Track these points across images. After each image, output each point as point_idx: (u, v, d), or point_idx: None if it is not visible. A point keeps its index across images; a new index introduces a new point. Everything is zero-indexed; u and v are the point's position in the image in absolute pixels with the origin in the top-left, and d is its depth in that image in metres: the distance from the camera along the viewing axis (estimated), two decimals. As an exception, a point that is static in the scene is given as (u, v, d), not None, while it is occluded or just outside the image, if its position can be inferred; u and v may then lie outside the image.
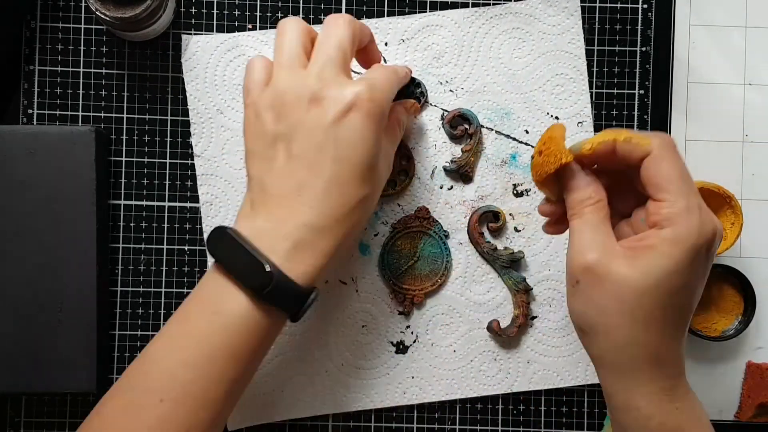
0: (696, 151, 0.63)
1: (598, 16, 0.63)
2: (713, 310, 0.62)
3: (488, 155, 0.62)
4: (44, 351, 0.58)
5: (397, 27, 0.62)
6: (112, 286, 0.62)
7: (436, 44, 0.62)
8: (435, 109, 0.62)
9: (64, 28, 0.62)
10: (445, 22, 0.62)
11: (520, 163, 0.62)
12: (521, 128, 0.62)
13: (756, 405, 0.61)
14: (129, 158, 0.62)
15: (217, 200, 0.61)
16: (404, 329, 0.62)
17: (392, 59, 0.62)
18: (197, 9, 0.62)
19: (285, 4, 0.62)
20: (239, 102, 0.61)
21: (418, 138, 0.62)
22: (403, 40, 0.62)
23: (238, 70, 0.62)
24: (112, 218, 0.62)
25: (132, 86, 0.62)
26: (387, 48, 0.62)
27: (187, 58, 0.62)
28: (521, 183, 0.62)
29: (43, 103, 0.62)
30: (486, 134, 0.62)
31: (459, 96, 0.62)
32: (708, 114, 0.64)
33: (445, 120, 0.62)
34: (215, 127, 0.62)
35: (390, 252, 0.61)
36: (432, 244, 0.62)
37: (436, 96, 0.62)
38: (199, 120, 0.61)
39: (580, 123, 0.62)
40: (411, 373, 0.62)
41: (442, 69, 0.62)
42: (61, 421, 0.61)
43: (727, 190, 0.57)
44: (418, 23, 0.62)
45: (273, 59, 0.51)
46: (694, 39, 0.64)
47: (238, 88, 0.62)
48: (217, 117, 0.62)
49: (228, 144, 0.61)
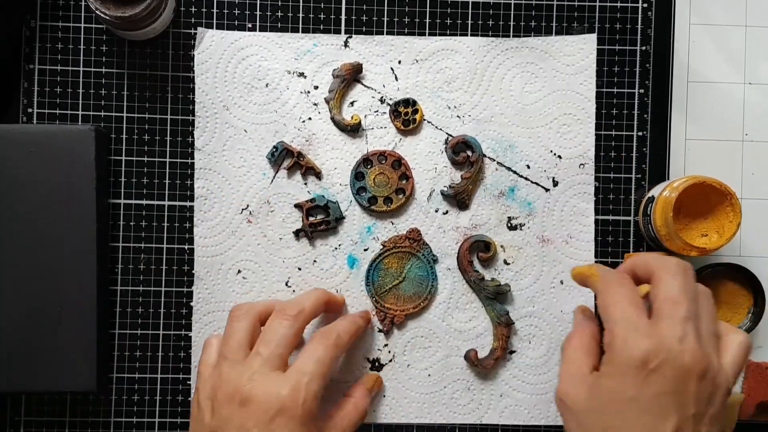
0: (696, 150, 0.63)
1: (598, 15, 0.63)
2: (724, 308, 0.62)
3: (487, 185, 0.62)
4: (44, 351, 0.58)
5: (412, 47, 0.62)
6: (112, 286, 0.62)
7: (449, 68, 0.62)
8: (440, 133, 0.62)
9: (64, 28, 0.62)
10: (461, 48, 0.62)
11: (518, 197, 0.62)
12: (523, 162, 0.62)
13: (756, 404, 0.61)
14: (129, 157, 0.62)
15: (212, 195, 0.61)
16: (382, 347, 0.62)
17: (404, 78, 0.62)
18: (197, 8, 0.62)
19: (285, 3, 0.62)
20: (246, 100, 0.61)
21: (419, 159, 0.62)
22: (416, 60, 0.62)
23: (249, 69, 0.62)
24: (112, 218, 0.62)
25: (132, 86, 0.62)
26: (400, 66, 0.62)
27: (200, 50, 0.61)
28: (516, 216, 0.62)
29: (43, 103, 0.61)
30: (487, 164, 0.62)
31: (465, 122, 0.62)
32: (708, 114, 0.64)
33: (449, 145, 0.62)
34: (219, 123, 0.61)
35: (377, 269, 0.61)
36: (419, 266, 0.61)
37: (443, 120, 0.62)
38: (204, 114, 0.61)
39: (582, 165, 0.62)
40: (383, 391, 0.62)
41: (452, 94, 0.62)
42: (60, 420, 0.61)
43: (728, 187, 0.58)
44: (433, 45, 0.62)
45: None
46: (694, 39, 0.64)
47: (246, 87, 0.61)
48: (222, 113, 0.61)
49: (230, 141, 0.61)
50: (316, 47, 0.62)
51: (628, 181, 0.63)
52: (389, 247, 0.61)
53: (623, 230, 0.63)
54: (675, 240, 0.58)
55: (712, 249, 0.58)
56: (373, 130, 0.62)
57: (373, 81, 0.62)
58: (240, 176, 0.61)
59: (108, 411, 0.61)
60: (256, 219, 0.62)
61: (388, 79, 0.62)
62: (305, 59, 0.62)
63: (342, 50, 0.62)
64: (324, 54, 0.62)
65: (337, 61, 0.62)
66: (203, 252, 0.61)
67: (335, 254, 0.62)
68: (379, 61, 0.62)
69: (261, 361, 0.52)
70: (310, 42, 0.62)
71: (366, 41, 0.62)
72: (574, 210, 0.62)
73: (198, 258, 0.61)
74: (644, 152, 0.63)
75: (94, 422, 0.61)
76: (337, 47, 0.62)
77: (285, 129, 0.62)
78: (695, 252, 0.58)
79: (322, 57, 0.62)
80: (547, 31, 0.63)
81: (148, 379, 0.62)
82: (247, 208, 0.62)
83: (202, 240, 0.61)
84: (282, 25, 0.62)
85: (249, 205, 0.62)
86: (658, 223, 0.59)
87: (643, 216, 0.62)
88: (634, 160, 0.63)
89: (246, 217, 0.62)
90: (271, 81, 0.62)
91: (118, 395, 0.61)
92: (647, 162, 0.63)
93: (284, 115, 0.62)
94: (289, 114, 0.62)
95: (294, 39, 0.62)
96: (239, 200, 0.62)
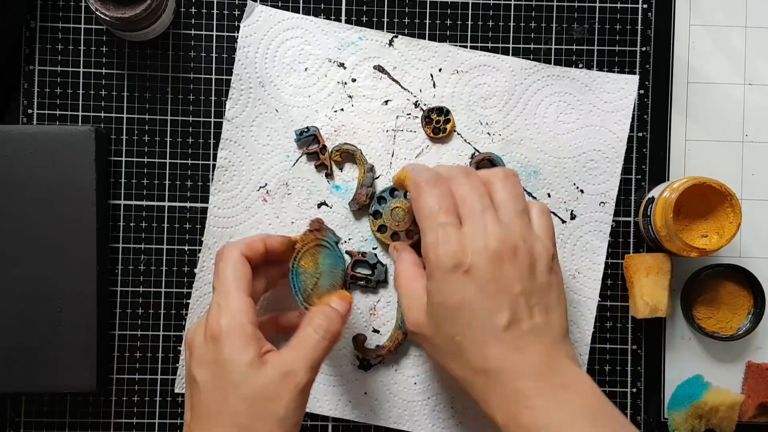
0: (696, 151, 0.63)
1: (598, 16, 0.63)
2: (724, 309, 0.62)
3: None
4: (44, 351, 0.58)
5: (456, 57, 0.62)
6: (112, 286, 0.62)
7: (487, 85, 0.62)
8: (467, 146, 0.62)
9: (64, 28, 0.62)
10: (502, 67, 0.62)
11: None
12: (544, 190, 0.62)
13: (756, 405, 0.61)
14: (129, 158, 0.62)
15: (233, 167, 0.61)
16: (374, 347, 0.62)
17: (441, 86, 0.62)
18: (197, 9, 0.62)
19: (285, 4, 0.62)
20: (282, 80, 0.61)
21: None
22: (457, 71, 0.62)
23: (291, 51, 0.62)
24: (112, 218, 0.62)
25: (132, 86, 0.62)
26: (440, 74, 0.62)
27: (247, 23, 0.61)
28: None
29: (43, 103, 0.62)
30: None
31: (494, 141, 0.62)
32: (708, 114, 0.64)
33: (474, 160, 0.62)
34: (252, 99, 0.61)
35: (296, 275, 0.56)
36: (328, 254, 0.56)
37: (472, 134, 0.62)
38: (239, 86, 0.61)
39: (603, 203, 0.62)
40: (366, 389, 0.61)
41: (486, 111, 0.62)
42: (61, 421, 0.61)
43: (728, 188, 0.57)
44: (476, 59, 0.62)
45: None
46: (694, 39, 0.64)
47: (285, 68, 0.61)
48: (257, 89, 0.61)
49: (259, 118, 0.61)
50: (361, 40, 0.62)
51: (628, 182, 0.63)
52: (299, 249, 0.56)
53: (623, 231, 0.63)
54: (675, 241, 0.58)
55: (712, 250, 0.58)
56: (403, 132, 0.62)
57: (412, 84, 0.62)
58: (264, 154, 0.61)
59: (108, 411, 0.61)
60: (272, 199, 0.62)
61: (425, 85, 0.62)
62: (348, 50, 0.62)
63: (385, 48, 0.62)
64: (367, 48, 0.62)
65: (379, 58, 0.62)
66: (215, 222, 0.61)
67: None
68: (420, 66, 0.62)
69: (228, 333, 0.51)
70: (356, 34, 0.62)
71: (411, 43, 0.62)
72: (587, 246, 0.62)
73: (209, 227, 0.61)
74: (644, 153, 0.63)
75: (94, 422, 0.61)
76: (382, 44, 0.62)
77: (316, 115, 0.62)
78: (695, 253, 0.58)
79: (365, 51, 0.62)
80: (547, 31, 0.63)
81: (148, 380, 0.62)
82: (265, 187, 0.61)
83: (215, 210, 0.61)
84: (282, 25, 0.62)
85: (267, 184, 0.61)
86: (658, 223, 0.59)
87: (643, 217, 0.61)
88: (634, 161, 0.63)
89: (262, 195, 0.61)
90: (311, 66, 0.62)
91: (118, 395, 0.61)
92: (647, 163, 0.63)
93: (318, 101, 0.62)
94: (322, 101, 0.62)
95: (341, 29, 0.62)
96: (258, 177, 0.61)
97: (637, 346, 0.63)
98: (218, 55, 0.62)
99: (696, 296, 0.62)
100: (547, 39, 0.63)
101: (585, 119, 0.62)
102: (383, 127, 0.62)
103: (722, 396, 0.60)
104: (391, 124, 0.62)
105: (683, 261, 0.62)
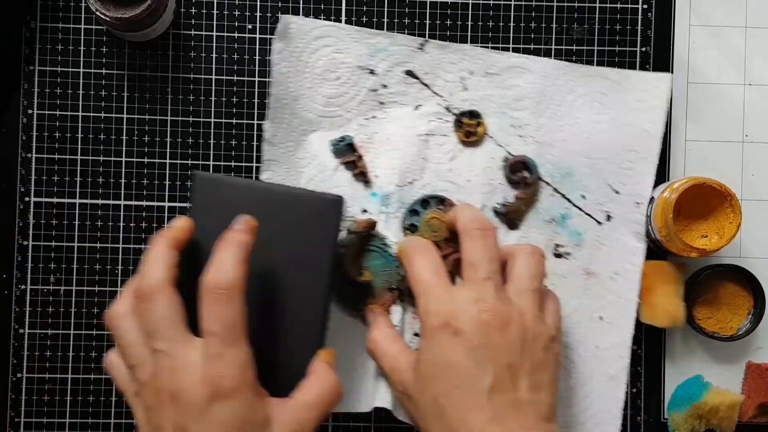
0: (696, 151, 0.63)
1: (598, 16, 0.63)
2: (724, 309, 0.62)
3: (540, 209, 0.61)
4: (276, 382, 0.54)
5: (487, 60, 0.62)
6: (112, 287, 0.62)
7: (519, 86, 0.62)
8: (500, 149, 0.62)
9: (64, 28, 0.62)
10: (534, 68, 0.62)
11: (569, 226, 0.61)
12: (579, 192, 0.62)
13: (756, 405, 0.61)
14: (129, 158, 0.62)
15: None
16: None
17: (473, 89, 0.62)
18: (197, 9, 0.62)
19: (285, 4, 0.62)
20: (315, 91, 0.61)
21: (475, 172, 0.61)
22: (488, 73, 0.62)
23: (322, 60, 0.61)
24: (112, 219, 0.62)
25: (132, 86, 0.62)
26: (471, 77, 0.62)
27: (280, 38, 0.61)
28: (564, 245, 0.61)
29: (43, 103, 0.62)
30: (543, 188, 0.62)
31: (527, 143, 0.62)
32: (708, 114, 0.64)
33: (508, 163, 0.61)
34: (288, 115, 0.61)
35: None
36: (375, 256, 0.58)
37: (505, 137, 0.62)
38: (275, 105, 0.61)
39: (638, 204, 0.61)
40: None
41: (518, 113, 0.62)
42: (61, 421, 0.61)
43: (728, 188, 0.57)
44: (507, 61, 0.62)
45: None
46: (694, 39, 0.64)
47: (317, 78, 0.61)
48: (292, 104, 0.61)
49: (295, 133, 0.61)
50: (391, 46, 0.62)
51: (628, 182, 0.63)
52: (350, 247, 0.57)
53: (623, 231, 0.63)
54: (675, 241, 0.58)
55: (712, 250, 0.58)
56: (435, 137, 0.62)
57: (443, 88, 0.62)
58: (301, 167, 0.61)
59: (108, 412, 0.62)
60: None
61: (456, 89, 0.62)
62: (378, 57, 0.61)
63: (416, 52, 0.62)
64: (398, 54, 0.61)
65: (410, 63, 0.62)
66: None
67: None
68: (451, 69, 0.62)
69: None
70: (386, 40, 0.61)
71: (441, 47, 0.62)
72: (625, 248, 0.61)
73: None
74: (644, 153, 0.63)
75: (95, 423, 0.61)
76: (412, 49, 0.62)
77: (349, 124, 0.61)
78: (695, 253, 0.58)
79: (396, 57, 0.61)
80: (547, 32, 0.63)
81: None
82: None
83: None
84: (282, 25, 0.62)
85: None
86: (658, 224, 0.59)
87: (643, 217, 0.62)
88: (634, 161, 0.63)
89: None
90: (342, 75, 0.61)
91: (118, 395, 0.61)
92: (647, 163, 0.63)
93: (350, 110, 0.61)
94: (355, 110, 0.61)
95: (371, 35, 0.61)
96: None
97: (637, 347, 0.63)
98: (218, 55, 0.62)
99: (696, 296, 0.62)
100: (547, 39, 0.63)
101: (619, 119, 0.62)
102: (416, 132, 0.61)
103: (722, 396, 0.60)
104: (424, 129, 0.61)
105: (683, 261, 0.62)
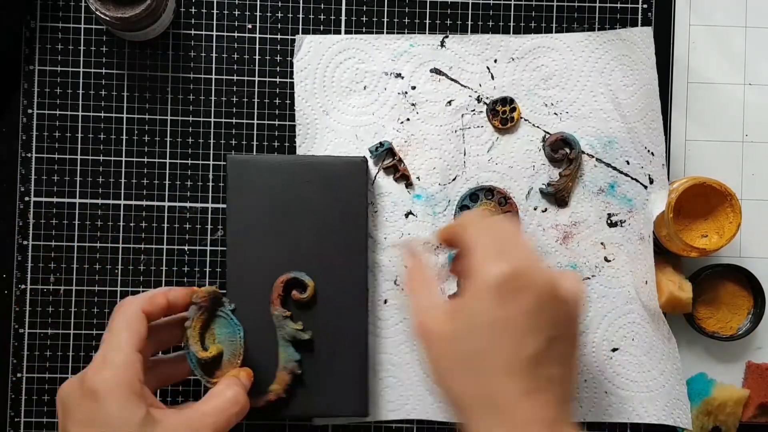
0: (696, 151, 0.63)
1: (598, 16, 0.63)
2: (724, 309, 0.62)
3: (586, 182, 0.62)
4: (323, 378, 0.59)
5: (508, 45, 0.62)
6: (112, 286, 0.62)
7: (546, 66, 0.62)
8: (537, 131, 0.62)
9: (64, 28, 0.62)
10: (557, 45, 0.62)
11: (618, 193, 0.62)
12: (623, 158, 0.62)
13: (756, 405, 0.61)
14: (129, 158, 0.62)
15: None
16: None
17: (500, 76, 0.62)
18: (197, 9, 0.62)
19: (285, 4, 0.62)
20: (344, 103, 0.62)
21: (517, 157, 0.62)
22: (512, 58, 0.62)
23: (347, 72, 0.62)
24: (112, 219, 0.62)
25: (132, 86, 0.62)
26: (496, 65, 0.62)
27: (299, 58, 0.62)
28: (617, 213, 0.62)
29: (43, 103, 0.62)
30: (586, 160, 0.62)
31: (563, 119, 0.62)
32: (708, 114, 0.64)
33: (547, 143, 0.61)
34: (320, 129, 0.62)
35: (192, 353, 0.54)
36: (223, 324, 0.55)
37: (540, 117, 0.62)
38: (304, 121, 0.62)
39: (663, 165, 0.61)
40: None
41: (549, 91, 0.62)
42: (60, 421, 0.61)
43: (728, 188, 0.58)
44: (530, 44, 0.62)
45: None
46: (694, 39, 0.64)
47: (345, 90, 0.62)
48: (322, 118, 0.62)
49: (331, 145, 0.62)
50: (412, 47, 0.62)
51: (628, 182, 0.63)
52: (192, 324, 0.53)
53: (623, 231, 0.63)
54: (675, 241, 0.58)
55: (712, 250, 0.58)
56: (471, 129, 0.62)
57: (470, 80, 0.62)
58: None
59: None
60: None
61: (484, 78, 0.62)
62: (402, 60, 0.62)
63: (438, 50, 0.62)
64: (421, 54, 0.62)
65: (434, 61, 0.62)
66: None
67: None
68: (475, 60, 0.62)
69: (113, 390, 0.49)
70: (407, 42, 0.62)
71: (462, 41, 0.62)
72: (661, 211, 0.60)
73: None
74: (644, 153, 0.63)
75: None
76: (434, 47, 0.62)
77: (384, 130, 0.62)
78: (695, 253, 0.58)
79: (419, 57, 0.62)
80: (547, 31, 0.63)
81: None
82: None
83: None
84: (282, 26, 0.62)
85: None
86: (658, 223, 0.59)
87: (643, 217, 0.62)
88: (634, 161, 0.63)
89: None
90: (369, 83, 0.62)
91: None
92: (647, 163, 0.63)
93: (382, 116, 0.62)
94: (387, 115, 0.62)
95: (390, 40, 0.62)
96: None
97: (637, 346, 0.63)
98: (218, 55, 0.62)
99: (696, 296, 0.62)
100: (547, 39, 0.63)
101: (641, 78, 0.62)
102: (451, 128, 0.62)
103: (729, 391, 0.60)
104: (458, 124, 0.62)
105: (683, 261, 0.62)
